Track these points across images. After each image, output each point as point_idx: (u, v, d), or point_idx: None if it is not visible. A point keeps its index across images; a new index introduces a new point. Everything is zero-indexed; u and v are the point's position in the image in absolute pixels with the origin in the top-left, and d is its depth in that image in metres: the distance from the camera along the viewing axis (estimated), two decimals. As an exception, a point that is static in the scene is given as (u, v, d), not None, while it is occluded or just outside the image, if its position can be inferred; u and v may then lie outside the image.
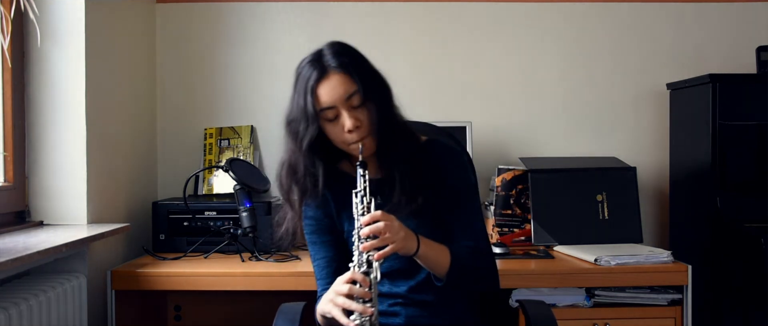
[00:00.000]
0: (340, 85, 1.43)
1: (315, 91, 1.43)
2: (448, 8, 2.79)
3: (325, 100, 1.43)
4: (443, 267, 1.46)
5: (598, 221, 2.46)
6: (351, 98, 1.43)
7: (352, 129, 1.43)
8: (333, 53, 1.47)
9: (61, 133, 2.11)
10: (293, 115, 1.47)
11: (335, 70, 1.44)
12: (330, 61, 1.45)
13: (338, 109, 1.43)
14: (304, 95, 1.44)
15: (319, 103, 1.43)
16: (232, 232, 2.30)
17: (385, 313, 1.56)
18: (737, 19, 2.79)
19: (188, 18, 2.78)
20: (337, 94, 1.43)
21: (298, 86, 1.47)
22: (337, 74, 1.44)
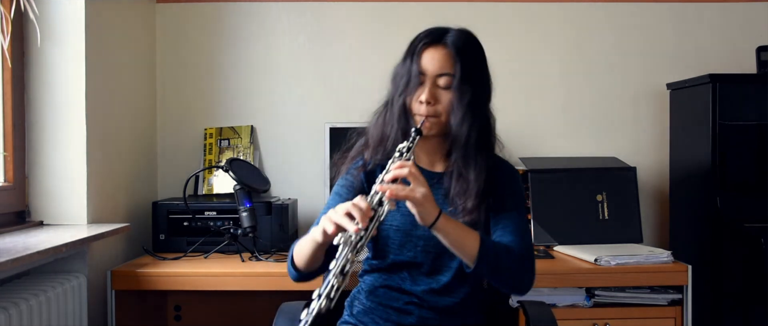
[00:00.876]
0: (440, 60, 1.50)
1: (420, 53, 1.51)
2: (448, 8, 2.79)
3: (424, 63, 1.51)
4: (469, 249, 1.41)
5: (598, 221, 2.46)
6: (442, 77, 1.50)
7: (423, 101, 1.49)
8: (456, 33, 1.54)
9: (61, 133, 2.11)
10: (399, 71, 1.55)
11: (445, 46, 1.51)
12: (447, 37, 1.52)
13: (426, 78, 1.50)
14: (411, 55, 1.52)
15: (419, 64, 1.51)
16: (232, 232, 2.30)
17: (399, 310, 1.55)
18: (737, 19, 2.79)
19: (188, 18, 2.78)
20: (432, 65, 1.50)
21: (409, 47, 1.55)
22: (444, 50, 1.51)
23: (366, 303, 1.60)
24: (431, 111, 1.50)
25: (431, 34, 1.53)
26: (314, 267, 1.49)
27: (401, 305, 1.55)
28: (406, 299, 1.55)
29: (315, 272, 1.52)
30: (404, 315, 1.55)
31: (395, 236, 1.54)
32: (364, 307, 1.60)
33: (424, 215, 1.37)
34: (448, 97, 1.51)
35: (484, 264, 1.42)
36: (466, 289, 1.56)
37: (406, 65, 1.53)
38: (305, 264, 1.48)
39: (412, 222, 1.45)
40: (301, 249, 1.47)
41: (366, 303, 1.60)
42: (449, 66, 1.50)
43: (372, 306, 1.59)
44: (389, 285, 1.57)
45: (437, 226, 1.39)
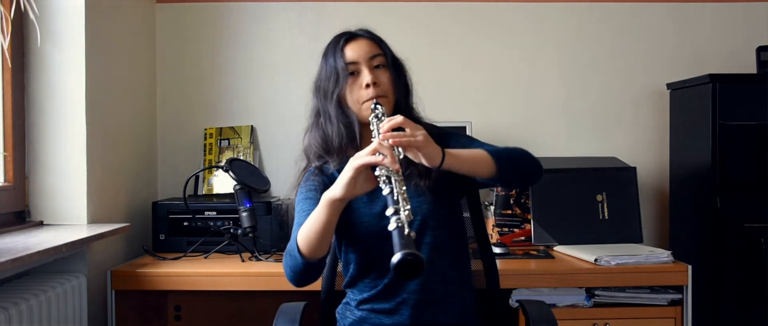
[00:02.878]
0: (366, 46, 1.59)
1: (343, 49, 1.58)
2: (448, 8, 2.79)
3: (350, 55, 1.57)
4: (484, 161, 1.45)
5: (598, 221, 2.46)
6: (374, 58, 1.58)
7: (369, 83, 1.54)
8: (363, 28, 1.64)
9: (61, 133, 2.11)
10: (323, 76, 1.61)
11: (363, 36, 1.62)
12: (359, 30, 1.63)
13: (360, 66, 1.57)
14: (334, 54, 1.59)
15: (344, 59, 1.57)
16: (232, 232, 2.30)
17: (389, 312, 1.56)
18: (737, 19, 2.79)
19: (188, 18, 2.78)
20: (362, 52, 1.58)
21: (328, 51, 1.62)
22: (365, 39, 1.61)
23: (357, 313, 1.60)
24: (379, 91, 1.55)
25: (345, 33, 1.62)
26: (323, 250, 1.44)
27: (392, 305, 1.55)
28: (399, 298, 1.55)
29: (321, 261, 1.47)
30: (396, 316, 1.55)
31: (367, 231, 1.54)
32: (355, 318, 1.60)
33: (431, 156, 1.38)
34: (386, 75, 1.59)
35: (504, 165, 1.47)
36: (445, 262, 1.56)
37: (330, 66, 1.59)
38: (316, 242, 1.41)
39: (380, 214, 1.47)
40: (310, 227, 1.41)
41: (357, 313, 1.60)
42: (377, 48, 1.60)
43: (363, 315, 1.59)
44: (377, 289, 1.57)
45: (447, 161, 1.41)
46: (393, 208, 1.24)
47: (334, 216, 1.40)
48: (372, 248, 1.55)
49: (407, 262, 1.14)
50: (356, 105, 1.57)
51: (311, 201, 1.56)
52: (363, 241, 1.56)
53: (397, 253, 1.15)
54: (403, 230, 1.19)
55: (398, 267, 1.14)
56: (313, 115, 1.65)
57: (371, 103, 1.53)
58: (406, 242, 1.17)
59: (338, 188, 1.36)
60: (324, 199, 1.39)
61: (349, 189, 1.35)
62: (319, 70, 1.64)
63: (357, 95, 1.56)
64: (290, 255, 1.48)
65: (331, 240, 1.46)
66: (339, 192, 1.36)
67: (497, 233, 2.50)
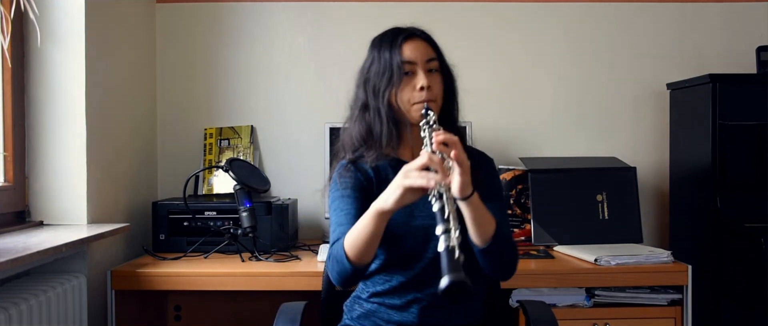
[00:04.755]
0: (423, 47, 1.57)
1: (402, 46, 1.55)
2: (448, 8, 2.79)
3: (408, 55, 1.54)
4: (488, 228, 1.45)
5: (598, 221, 2.46)
6: (431, 62, 1.57)
7: (424, 86, 1.52)
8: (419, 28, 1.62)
9: (61, 133, 2.11)
10: (374, 71, 1.58)
11: (421, 37, 1.59)
12: (416, 30, 1.60)
13: (416, 67, 1.54)
14: (391, 50, 1.55)
15: (402, 56, 1.54)
16: (232, 232, 2.30)
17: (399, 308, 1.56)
18: (737, 19, 2.79)
19: (188, 18, 2.78)
20: (419, 53, 1.55)
21: (383, 45, 1.58)
22: (422, 40, 1.59)
23: (366, 305, 1.60)
24: (430, 96, 1.53)
25: (405, 29, 1.60)
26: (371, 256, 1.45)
27: (402, 303, 1.55)
28: (409, 297, 1.55)
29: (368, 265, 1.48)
30: (405, 313, 1.55)
31: (393, 229, 1.53)
32: (364, 310, 1.60)
33: (465, 184, 1.38)
34: (438, 80, 1.58)
35: (493, 248, 1.46)
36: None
37: (384, 61, 1.56)
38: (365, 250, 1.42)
39: (409, 213, 1.49)
40: (358, 236, 1.42)
41: (366, 305, 1.60)
42: (432, 52, 1.58)
43: (373, 308, 1.59)
44: (391, 285, 1.57)
45: (472, 199, 1.40)
46: (443, 227, 1.23)
47: (382, 226, 1.41)
48: (396, 245, 1.54)
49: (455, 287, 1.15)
50: (406, 105, 1.55)
51: (349, 199, 1.55)
52: (388, 237, 1.54)
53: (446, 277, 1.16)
54: (454, 253, 1.19)
55: (446, 291, 1.15)
56: (359, 106, 1.61)
57: (421, 106, 1.51)
58: (454, 266, 1.17)
59: (387, 202, 1.37)
60: (373, 209, 1.40)
61: (398, 203, 1.37)
62: (370, 62, 1.60)
63: (409, 96, 1.54)
64: (337, 262, 1.48)
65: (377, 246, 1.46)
66: (388, 206, 1.37)
67: (497, 233, 2.50)
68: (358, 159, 1.61)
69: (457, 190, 1.37)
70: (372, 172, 1.59)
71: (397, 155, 1.61)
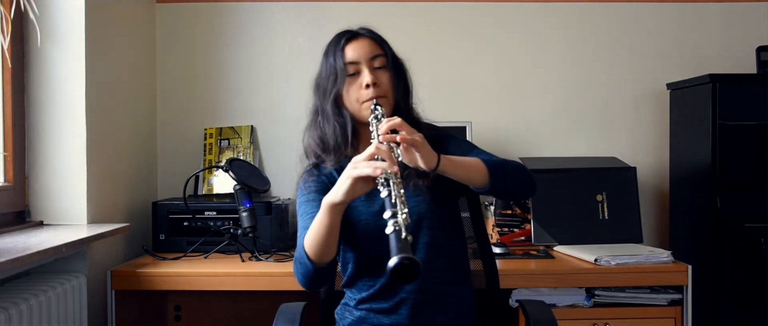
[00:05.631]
0: (367, 46, 1.59)
1: (344, 49, 1.58)
2: (448, 8, 2.79)
3: (351, 55, 1.57)
4: (478, 170, 1.45)
5: (598, 221, 2.46)
6: (375, 59, 1.58)
7: (369, 84, 1.54)
8: (365, 28, 1.63)
9: (61, 133, 2.11)
10: (322, 75, 1.61)
11: (365, 35, 1.61)
12: (361, 30, 1.62)
13: (360, 66, 1.56)
14: (334, 53, 1.59)
15: (344, 58, 1.56)
16: (232, 232, 2.30)
17: (388, 312, 1.56)
18: (737, 19, 2.79)
19: (188, 18, 2.78)
20: (362, 52, 1.57)
21: (328, 50, 1.62)
22: (366, 38, 1.60)
23: (356, 313, 1.61)
24: (379, 91, 1.55)
25: (347, 31, 1.62)
26: (331, 253, 1.45)
27: (391, 304, 1.55)
28: (398, 298, 1.55)
29: (331, 264, 1.48)
30: (395, 315, 1.55)
31: (365, 230, 1.54)
32: (354, 318, 1.60)
33: (427, 158, 1.38)
34: (386, 76, 1.58)
35: (498, 178, 1.46)
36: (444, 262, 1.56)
37: (329, 65, 1.59)
38: (323, 246, 1.43)
39: (377, 213, 1.48)
40: (315, 233, 1.43)
41: (356, 313, 1.61)
42: (378, 49, 1.59)
43: (362, 315, 1.59)
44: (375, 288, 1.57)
45: (442, 164, 1.41)
46: (390, 211, 1.23)
47: (336, 219, 1.41)
48: (370, 247, 1.55)
49: (403, 266, 1.14)
50: (355, 104, 1.57)
51: (313, 203, 1.56)
52: (361, 240, 1.56)
53: (394, 257, 1.15)
54: (401, 233, 1.19)
55: (394, 270, 1.14)
56: (312, 113, 1.66)
57: (371, 103, 1.53)
58: (402, 246, 1.17)
59: (338, 194, 1.37)
60: (324, 204, 1.40)
61: (348, 195, 1.36)
62: (320, 69, 1.64)
63: (356, 95, 1.56)
64: (300, 263, 1.49)
65: (337, 243, 1.46)
66: (338, 197, 1.37)
67: (497, 233, 2.50)
68: (319, 163, 1.63)
69: (422, 164, 1.38)
70: (336, 174, 1.59)
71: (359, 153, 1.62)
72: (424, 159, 1.38)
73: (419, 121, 1.65)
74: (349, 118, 1.58)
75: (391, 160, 1.32)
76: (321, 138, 1.61)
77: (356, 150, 1.60)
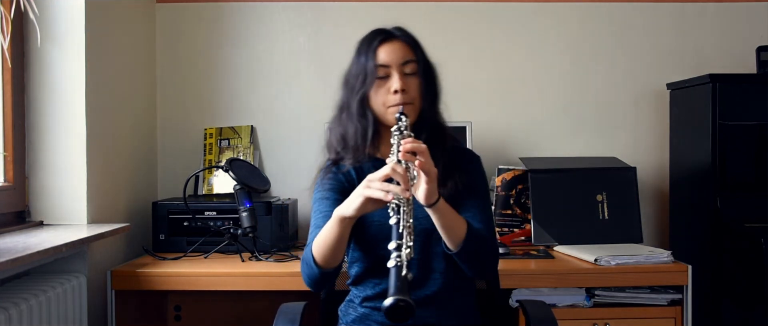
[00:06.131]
0: (400, 50, 1.57)
1: (376, 50, 1.56)
2: (448, 8, 2.79)
3: (383, 58, 1.55)
4: (458, 233, 1.45)
5: (598, 221, 2.46)
6: (406, 64, 1.56)
7: (397, 89, 1.52)
8: (401, 29, 1.62)
9: (61, 133, 2.11)
10: (352, 72, 1.59)
11: (399, 38, 1.59)
12: (396, 31, 1.60)
13: (391, 70, 1.54)
14: (366, 52, 1.56)
15: (376, 60, 1.54)
16: (232, 232, 2.30)
17: None
18: (737, 19, 2.79)
19: (188, 18, 2.78)
20: (395, 56, 1.55)
21: (361, 48, 1.60)
22: (400, 42, 1.58)
23: (360, 310, 1.60)
24: (406, 98, 1.53)
25: (381, 31, 1.59)
26: (337, 260, 1.47)
27: None
28: None
29: (336, 269, 1.50)
30: None
31: (378, 231, 1.54)
32: (358, 314, 1.60)
33: (430, 193, 1.39)
34: (415, 83, 1.56)
35: (466, 250, 1.46)
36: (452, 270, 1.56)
37: (361, 64, 1.56)
38: (330, 254, 1.44)
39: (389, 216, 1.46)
40: (324, 240, 1.44)
41: (360, 310, 1.60)
42: (410, 54, 1.57)
43: (366, 312, 1.59)
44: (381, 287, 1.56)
45: (438, 206, 1.41)
46: (396, 243, 1.23)
47: (346, 232, 1.42)
48: (380, 248, 1.54)
49: (399, 307, 1.15)
50: (381, 108, 1.56)
51: (327, 201, 1.57)
52: (372, 241, 1.55)
53: (390, 297, 1.16)
54: (401, 270, 1.19)
55: (389, 310, 1.15)
56: (338, 108, 1.64)
57: (397, 109, 1.52)
58: (401, 285, 1.17)
59: (349, 209, 1.38)
60: (335, 215, 1.41)
61: (359, 211, 1.37)
62: (350, 65, 1.61)
63: (384, 98, 1.55)
64: (307, 264, 1.50)
65: (344, 250, 1.47)
66: (349, 212, 1.38)
67: (497, 233, 2.50)
68: (339, 160, 1.62)
69: (422, 198, 1.39)
70: (354, 173, 1.60)
71: (380, 155, 1.62)
72: (426, 193, 1.38)
73: (444, 127, 1.64)
74: (372, 119, 1.57)
75: (405, 184, 1.31)
76: (343, 135, 1.61)
77: (377, 150, 1.61)
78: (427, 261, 1.55)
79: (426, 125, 1.58)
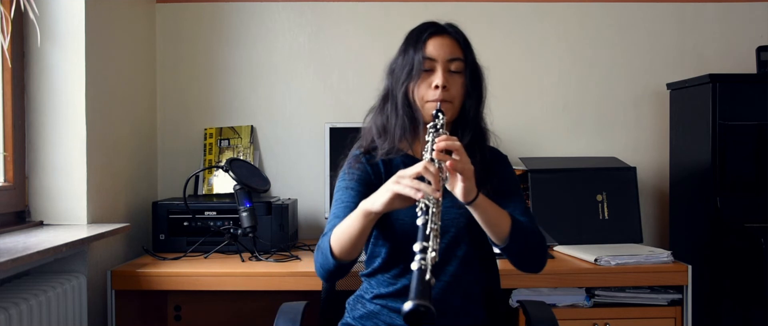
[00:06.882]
0: (449, 46, 1.55)
1: (425, 42, 1.53)
2: (448, 8, 2.79)
3: (430, 51, 1.53)
4: (503, 226, 1.43)
5: (598, 221, 2.46)
6: (453, 62, 1.54)
7: (439, 85, 1.50)
8: (452, 25, 1.60)
9: (61, 133, 2.11)
10: (399, 62, 1.57)
11: (450, 34, 1.57)
12: (448, 27, 1.59)
13: (436, 65, 1.52)
14: (415, 43, 1.54)
15: (424, 52, 1.51)
16: (232, 232, 2.30)
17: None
18: (737, 19, 2.79)
19: (188, 18, 2.78)
20: (442, 51, 1.53)
21: (410, 38, 1.57)
22: (450, 38, 1.56)
23: (369, 306, 1.59)
24: (446, 96, 1.51)
25: (434, 24, 1.58)
26: (355, 253, 1.44)
27: None
28: None
29: (352, 263, 1.47)
30: None
31: (402, 228, 1.51)
32: (366, 311, 1.59)
33: (469, 190, 1.37)
34: (459, 81, 1.54)
35: (515, 243, 1.45)
36: (472, 278, 1.56)
37: (409, 55, 1.54)
38: (350, 247, 1.41)
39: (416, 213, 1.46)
40: (344, 232, 1.40)
41: (369, 306, 1.59)
42: (459, 52, 1.55)
43: (375, 309, 1.58)
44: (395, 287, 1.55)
45: (477, 202, 1.39)
46: (421, 245, 1.20)
47: (369, 226, 1.39)
48: (402, 247, 1.51)
49: (418, 312, 1.11)
50: (421, 102, 1.54)
51: (351, 191, 1.54)
52: (395, 237, 1.53)
53: (411, 301, 1.12)
54: (425, 274, 1.16)
55: (408, 314, 1.12)
56: (382, 97, 1.61)
57: (434, 105, 1.50)
58: (423, 289, 1.14)
59: (375, 203, 1.35)
60: (361, 208, 1.38)
61: (386, 207, 1.34)
62: (397, 54, 1.59)
63: (424, 93, 1.52)
64: (322, 253, 1.47)
65: (364, 244, 1.44)
66: (375, 207, 1.35)
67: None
68: (371, 150, 1.60)
69: (460, 195, 1.37)
70: (383, 167, 1.58)
71: (411, 152, 1.60)
72: (464, 190, 1.36)
73: (484, 131, 1.62)
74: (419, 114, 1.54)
75: (436, 184, 1.29)
76: (383, 125, 1.58)
77: (411, 146, 1.59)
78: (442, 264, 1.53)
79: (467, 126, 1.56)
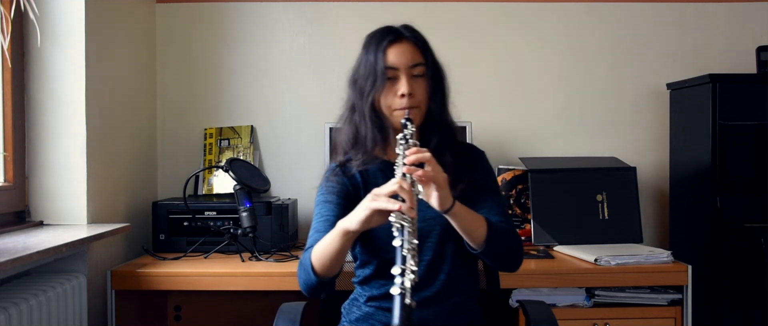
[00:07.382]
0: (409, 52, 1.54)
1: (386, 50, 1.53)
2: (448, 8, 2.79)
3: (392, 60, 1.53)
4: (479, 232, 1.44)
5: (598, 221, 2.46)
6: (415, 67, 1.54)
7: (405, 93, 1.51)
8: (411, 28, 1.59)
9: (61, 133, 2.11)
10: (361, 73, 1.57)
11: (408, 39, 1.56)
12: (405, 32, 1.57)
13: (399, 73, 1.53)
14: (376, 53, 1.54)
15: (385, 62, 1.52)
16: (232, 232, 2.30)
17: None
18: (737, 19, 2.79)
19: (188, 18, 2.78)
20: (404, 59, 1.53)
21: (369, 47, 1.57)
22: (409, 43, 1.55)
23: (364, 308, 1.60)
24: (412, 102, 1.52)
25: (391, 31, 1.57)
26: (336, 270, 1.46)
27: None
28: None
29: (334, 277, 1.49)
30: None
31: (385, 235, 1.52)
32: (361, 313, 1.60)
33: (444, 199, 1.38)
34: (422, 85, 1.55)
35: (491, 246, 1.45)
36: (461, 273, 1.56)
37: (369, 65, 1.54)
38: (329, 264, 1.43)
39: None
40: (324, 250, 1.43)
41: (364, 308, 1.60)
42: (419, 56, 1.55)
43: (370, 311, 1.59)
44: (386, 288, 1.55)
45: (454, 210, 1.41)
46: (399, 268, 1.22)
47: (348, 244, 1.41)
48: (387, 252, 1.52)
49: None
50: (388, 110, 1.54)
51: (330, 205, 1.56)
52: (383, 246, 1.53)
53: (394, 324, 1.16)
54: (404, 298, 1.18)
55: None
56: (348, 108, 1.61)
57: (402, 113, 1.51)
58: (405, 314, 1.17)
59: (353, 222, 1.36)
60: (339, 227, 1.39)
61: (364, 225, 1.36)
62: (358, 63, 1.59)
63: (390, 101, 1.53)
64: (304, 270, 1.49)
65: (344, 260, 1.46)
66: (353, 225, 1.36)
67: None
68: (346, 162, 1.61)
69: (436, 205, 1.38)
70: (359, 177, 1.59)
71: (387, 157, 1.61)
72: (439, 199, 1.38)
73: (453, 129, 1.62)
74: (387, 123, 1.55)
75: (411, 202, 1.30)
76: (354, 136, 1.59)
77: (385, 152, 1.60)
78: (436, 261, 1.54)
79: (434, 127, 1.57)
